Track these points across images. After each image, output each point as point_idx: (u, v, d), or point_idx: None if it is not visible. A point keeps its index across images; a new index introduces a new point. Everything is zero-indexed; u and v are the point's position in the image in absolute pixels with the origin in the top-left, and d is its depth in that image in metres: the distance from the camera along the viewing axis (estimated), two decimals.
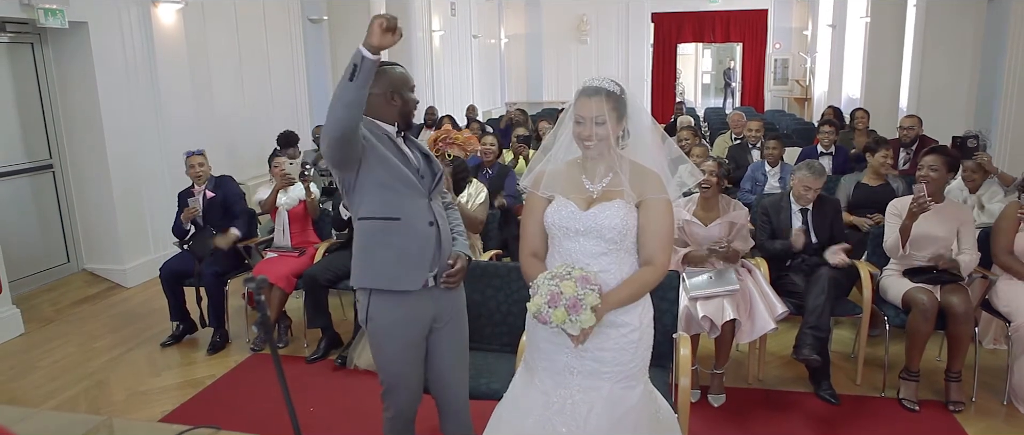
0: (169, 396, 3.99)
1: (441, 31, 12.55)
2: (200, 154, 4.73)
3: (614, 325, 2.13)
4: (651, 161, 2.15)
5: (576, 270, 2.02)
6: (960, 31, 7.68)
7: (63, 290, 5.69)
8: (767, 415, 3.61)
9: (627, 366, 2.15)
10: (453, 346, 2.62)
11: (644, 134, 2.17)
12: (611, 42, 16.96)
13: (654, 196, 2.10)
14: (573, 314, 1.96)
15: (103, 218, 5.89)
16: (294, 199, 4.72)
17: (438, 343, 2.58)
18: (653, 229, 2.10)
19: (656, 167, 2.14)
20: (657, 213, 2.10)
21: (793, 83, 16.64)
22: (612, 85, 2.09)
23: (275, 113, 8.08)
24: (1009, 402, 3.62)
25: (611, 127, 2.08)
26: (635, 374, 2.19)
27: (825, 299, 3.64)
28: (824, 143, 6.11)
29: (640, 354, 2.18)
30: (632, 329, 2.14)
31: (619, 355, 2.14)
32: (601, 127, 2.06)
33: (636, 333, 2.15)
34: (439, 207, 2.52)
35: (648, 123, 2.19)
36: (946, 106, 7.80)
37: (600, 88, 2.08)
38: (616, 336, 2.13)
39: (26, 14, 5.00)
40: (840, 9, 12.88)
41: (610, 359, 2.14)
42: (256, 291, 1.58)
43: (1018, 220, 3.61)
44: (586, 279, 1.99)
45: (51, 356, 4.56)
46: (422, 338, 2.52)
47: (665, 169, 2.16)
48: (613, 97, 2.08)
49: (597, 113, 2.06)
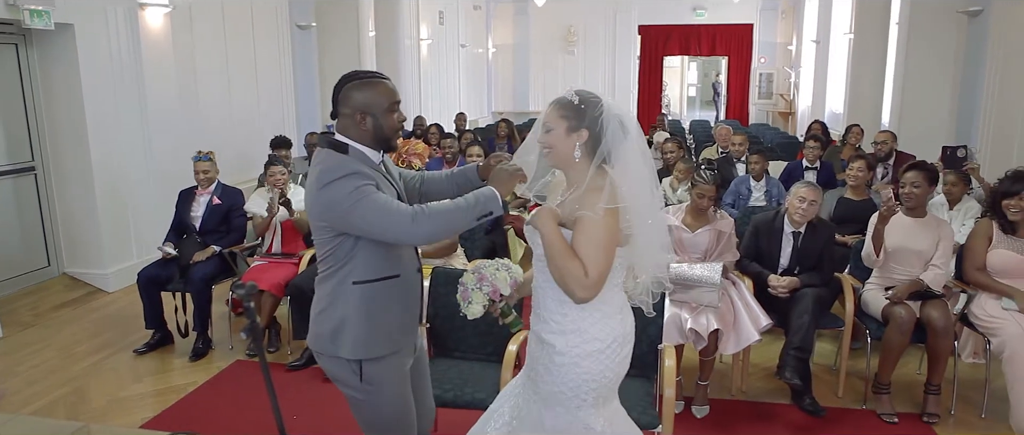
0: (149, 403, 3.95)
1: (429, 40, 12.57)
2: (208, 159, 4.71)
3: (543, 343, 2.09)
4: (632, 185, 1.98)
5: (491, 268, 2.16)
6: (942, 48, 7.81)
7: (43, 294, 5.61)
8: (751, 427, 3.64)
9: (551, 387, 2.08)
10: (424, 371, 2.55)
11: (626, 155, 2.00)
12: (598, 53, 17.06)
13: (582, 212, 1.94)
14: (464, 302, 2.17)
15: (85, 222, 5.83)
16: (285, 213, 4.70)
17: (414, 373, 2.44)
18: (577, 242, 1.94)
19: (632, 193, 1.97)
20: (582, 230, 1.93)
21: (777, 97, 16.81)
22: (572, 94, 1.99)
23: (262, 119, 8.04)
24: (987, 415, 3.67)
25: (559, 136, 1.99)
26: (561, 399, 2.07)
27: (809, 319, 3.66)
28: (809, 158, 6.10)
29: (567, 381, 2.05)
30: (557, 352, 2.05)
31: (545, 374, 2.09)
32: (548, 135, 2.01)
33: (562, 358, 2.04)
34: None
35: (632, 145, 2.01)
36: (928, 121, 7.92)
37: (560, 96, 2.02)
38: (545, 355, 2.08)
39: (11, 15, 4.95)
40: (824, 25, 13.05)
41: (540, 374, 2.11)
42: (245, 297, 1.57)
43: (988, 238, 3.67)
44: (483, 278, 2.14)
45: (30, 361, 4.50)
46: (408, 375, 2.39)
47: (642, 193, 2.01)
48: (566, 106, 1.99)
49: (545, 120, 2.02)
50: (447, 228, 2.09)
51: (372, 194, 2.05)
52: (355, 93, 2.16)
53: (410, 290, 2.30)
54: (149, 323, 4.62)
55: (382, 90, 2.18)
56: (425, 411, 2.55)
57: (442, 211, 2.07)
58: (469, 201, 2.09)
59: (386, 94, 2.18)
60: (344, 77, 2.21)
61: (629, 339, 2.12)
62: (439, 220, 2.05)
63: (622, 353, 2.09)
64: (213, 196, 4.72)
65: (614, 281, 2.05)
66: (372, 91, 2.17)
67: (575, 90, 2.02)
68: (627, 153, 2.00)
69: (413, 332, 2.36)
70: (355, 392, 2.26)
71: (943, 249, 3.78)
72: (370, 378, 2.23)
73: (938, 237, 3.79)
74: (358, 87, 2.17)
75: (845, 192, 4.92)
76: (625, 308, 2.12)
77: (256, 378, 4.18)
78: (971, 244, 3.75)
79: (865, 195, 4.83)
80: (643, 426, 2.74)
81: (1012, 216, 3.57)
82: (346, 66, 9.49)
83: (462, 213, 2.07)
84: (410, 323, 2.33)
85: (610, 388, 2.12)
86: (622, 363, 2.10)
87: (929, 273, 3.74)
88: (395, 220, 2.03)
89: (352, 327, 2.19)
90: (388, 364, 2.26)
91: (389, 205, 2.05)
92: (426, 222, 2.04)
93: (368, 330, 2.19)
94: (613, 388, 2.14)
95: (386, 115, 2.17)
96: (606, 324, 2.05)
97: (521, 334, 2.98)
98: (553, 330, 2.07)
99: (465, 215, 2.07)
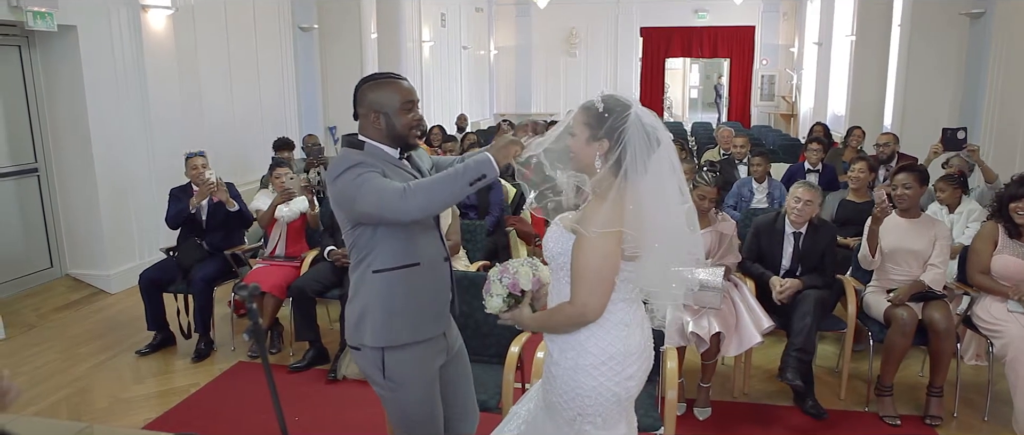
0: (152, 404, 3.95)
1: (431, 42, 12.58)
2: (202, 155, 4.71)
3: (548, 349, 2.08)
4: (649, 204, 1.89)
5: (516, 263, 2.10)
6: (943, 49, 7.80)
7: (46, 295, 5.62)
8: (752, 429, 3.63)
9: (551, 396, 2.07)
10: (465, 371, 2.52)
11: (653, 168, 1.90)
12: (600, 55, 17.07)
13: (579, 229, 1.90)
14: (486, 295, 2.12)
15: (88, 223, 5.84)
16: (296, 212, 4.70)
17: (452, 374, 2.44)
18: (573, 265, 1.92)
19: (648, 212, 1.89)
20: (578, 249, 1.90)
21: (780, 99, 16.79)
22: (598, 100, 1.92)
23: (264, 120, 8.06)
24: (990, 418, 3.66)
25: (579, 144, 1.94)
26: (559, 409, 2.04)
27: (811, 321, 3.66)
28: (811, 160, 6.09)
29: (563, 393, 2.01)
30: (554, 362, 2.04)
31: (547, 381, 2.09)
32: (571, 140, 1.97)
33: (558, 369, 2.02)
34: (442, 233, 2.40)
35: (660, 161, 1.91)
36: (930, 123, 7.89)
37: (588, 100, 1.95)
38: (547, 362, 2.08)
39: (14, 16, 4.97)
40: (826, 27, 13.04)
41: (545, 380, 2.11)
42: (248, 299, 1.58)
43: (993, 241, 3.67)
44: (505, 270, 2.08)
45: (33, 362, 4.51)
46: (437, 375, 2.37)
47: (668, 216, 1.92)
48: (590, 112, 1.92)
49: (572, 124, 1.97)
50: (440, 198, 2.05)
51: (369, 179, 2.07)
52: (369, 93, 2.22)
53: (434, 279, 2.29)
54: (151, 325, 4.63)
55: (395, 89, 2.22)
56: (468, 413, 2.51)
57: (432, 182, 2.06)
58: (459, 169, 2.06)
59: (399, 93, 2.22)
60: (362, 79, 2.28)
61: (634, 357, 2.00)
62: (430, 191, 2.03)
63: (624, 372, 1.98)
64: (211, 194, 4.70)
65: (619, 296, 1.97)
66: (385, 90, 2.22)
67: (603, 95, 1.93)
68: (653, 167, 1.90)
69: (440, 322, 2.34)
70: (381, 389, 2.30)
71: (940, 248, 3.78)
72: (392, 373, 2.25)
73: (934, 236, 3.79)
74: (372, 87, 2.23)
75: (847, 194, 4.92)
76: (632, 325, 2.00)
77: (258, 380, 4.18)
78: (976, 247, 3.75)
79: (867, 197, 4.83)
80: (645, 428, 2.75)
81: (1020, 219, 3.57)
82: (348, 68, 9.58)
83: (453, 181, 2.03)
84: (435, 312, 2.32)
85: (614, 407, 2.01)
86: (624, 382, 1.99)
87: (928, 273, 3.73)
88: (387, 197, 2.03)
89: (373, 314, 2.23)
90: (411, 356, 2.26)
91: (382, 185, 2.05)
92: (416, 195, 2.02)
93: (388, 317, 2.22)
94: (619, 408, 2.03)
95: (399, 113, 2.21)
96: (603, 339, 1.97)
97: (523, 335, 2.99)
98: (553, 339, 2.06)
99: (456, 182, 2.03)
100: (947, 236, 3.85)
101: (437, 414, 2.36)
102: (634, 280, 1.97)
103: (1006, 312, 3.52)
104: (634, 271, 1.95)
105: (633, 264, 1.93)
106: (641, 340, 2.02)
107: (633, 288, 1.99)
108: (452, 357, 2.44)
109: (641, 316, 2.04)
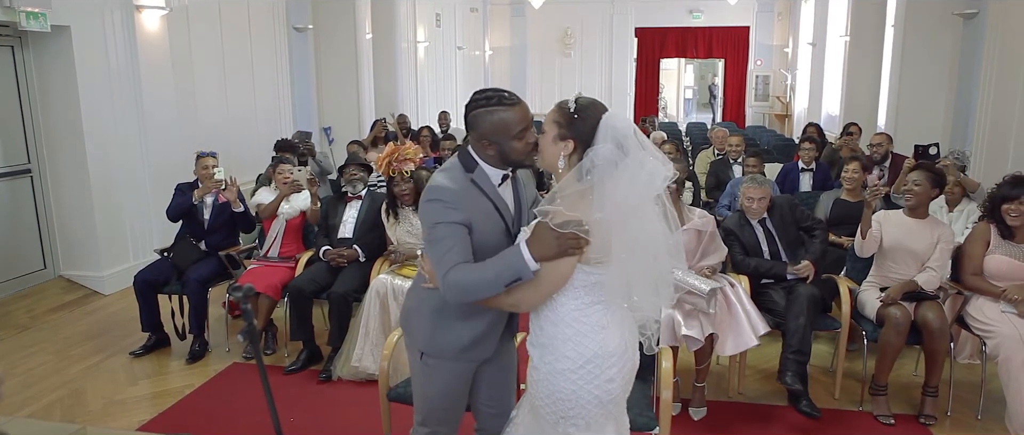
0: (146, 405, 3.94)
1: (425, 42, 12.57)
2: (213, 156, 4.71)
3: (530, 352, 2.10)
4: (613, 211, 1.87)
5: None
6: (937, 50, 7.82)
7: (39, 297, 5.60)
8: (748, 428, 3.64)
9: (533, 398, 2.08)
10: (509, 366, 2.45)
11: (617, 178, 1.89)
12: (595, 56, 17.07)
13: (537, 220, 1.93)
14: None
15: (81, 224, 5.82)
16: (296, 209, 4.69)
17: (497, 371, 2.39)
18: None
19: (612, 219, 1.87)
20: (531, 241, 1.93)
21: (774, 99, 16.83)
22: (571, 101, 1.95)
23: (259, 120, 8.04)
24: (984, 417, 3.68)
25: (546, 141, 1.99)
26: (541, 412, 2.05)
27: (805, 320, 3.68)
28: (805, 159, 6.13)
29: (542, 395, 2.02)
30: (533, 365, 2.07)
31: (528, 384, 2.10)
32: (540, 137, 2.03)
33: (536, 372, 2.05)
34: None
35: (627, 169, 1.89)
36: (923, 123, 7.93)
37: (563, 100, 1.99)
38: (528, 367, 2.09)
39: (7, 17, 4.94)
40: (820, 27, 13.07)
41: (528, 382, 2.11)
42: (242, 300, 1.57)
43: (985, 242, 3.68)
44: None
45: (26, 364, 4.49)
46: (473, 374, 2.33)
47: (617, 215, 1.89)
48: (562, 111, 1.96)
49: (544, 121, 2.02)
50: (473, 298, 2.00)
51: (438, 239, 2.02)
52: (480, 121, 2.09)
53: (481, 310, 2.17)
54: (145, 326, 4.61)
55: (507, 118, 2.06)
56: (504, 409, 2.43)
57: (474, 283, 1.97)
58: (500, 269, 1.94)
59: (513, 123, 2.06)
60: (473, 97, 2.13)
61: (614, 359, 1.98)
62: (465, 291, 1.97)
63: (603, 374, 1.96)
64: (218, 193, 4.71)
65: (595, 297, 1.96)
66: (496, 119, 2.07)
67: (577, 97, 1.97)
68: (619, 176, 1.87)
69: (486, 346, 2.26)
70: (415, 364, 2.31)
71: (940, 251, 3.79)
72: (427, 369, 2.27)
73: (936, 239, 3.80)
74: (483, 114, 2.08)
75: (841, 194, 4.94)
76: (610, 326, 1.98)
77: (253, 381, 4.17)
78: (968, 248, 3.76)
79: (861, 196, 4.84)
80: (640, 428, 2.75)
81: (1011, 221, 3.57)
82: (343, 68, 9.56)
83: (489, 286, 1.95)
84: (489, 338, 2.25)
85: (596, 410, 1.99)
86: (604, 385, 1.97)
87: (923, 275, 3.75)
88: (438, 264, 2.01)
89: (417, 319, 2.28)
90: (450, 366, 2.25)
91: (441, 252, 2.01)
92: (453, 288, 1.97)
93: (431, 330, 2.23)
94: (603, 411, 2.01)
95: (512, 142, 2.08)
96: (580, 343, 1.96)
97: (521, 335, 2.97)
98: (532, 341, 2.07)
99: (491, 288, 1.95)
100: (949, 240, 3.85)
101: (458, 408, 2.37)
102: (603, 285, 1.95)
103: (999, 312, 3.53)
104: (602, 276, 1.94)
105: (601, 268, 1.92)
106: (620, 341, 2.01)
107: (602, 291, 1.97)
108: (496, 355, 2.36)
109: (620, 317, 2.02)
